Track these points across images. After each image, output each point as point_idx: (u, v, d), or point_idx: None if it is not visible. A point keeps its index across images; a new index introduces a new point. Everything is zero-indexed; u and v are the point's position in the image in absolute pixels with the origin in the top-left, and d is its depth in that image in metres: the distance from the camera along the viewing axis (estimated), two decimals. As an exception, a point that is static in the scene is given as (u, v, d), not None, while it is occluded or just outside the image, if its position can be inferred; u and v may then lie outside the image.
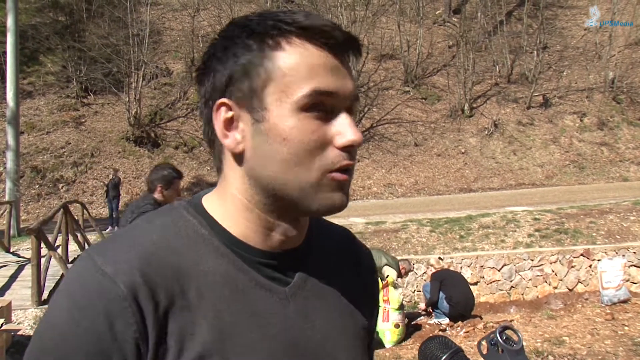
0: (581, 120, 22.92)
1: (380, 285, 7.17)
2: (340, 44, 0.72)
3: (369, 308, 0.89)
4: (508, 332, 0.94)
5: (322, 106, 0.70)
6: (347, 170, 0.73)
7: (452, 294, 7.35)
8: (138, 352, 0.66)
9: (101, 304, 0.65)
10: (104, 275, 0.66)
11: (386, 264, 7.46)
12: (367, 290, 0.90)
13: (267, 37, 0.71)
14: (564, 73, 25.08)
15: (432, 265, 8.11)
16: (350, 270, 0.88)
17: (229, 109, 0.73)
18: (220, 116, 0.73)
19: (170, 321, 0.68)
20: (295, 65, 0.69)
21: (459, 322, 7.44)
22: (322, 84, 0.69)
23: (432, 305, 7.80)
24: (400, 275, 7.73)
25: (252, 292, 0.73)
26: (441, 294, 7.50)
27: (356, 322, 0.84)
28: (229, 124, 0.73)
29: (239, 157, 0.74)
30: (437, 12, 28.21)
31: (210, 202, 0.78)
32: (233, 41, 0.73)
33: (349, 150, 0.71)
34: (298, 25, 0.70)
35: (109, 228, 13.56)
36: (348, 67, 0.74)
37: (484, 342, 0.94)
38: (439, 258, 8.51)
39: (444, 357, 0.89)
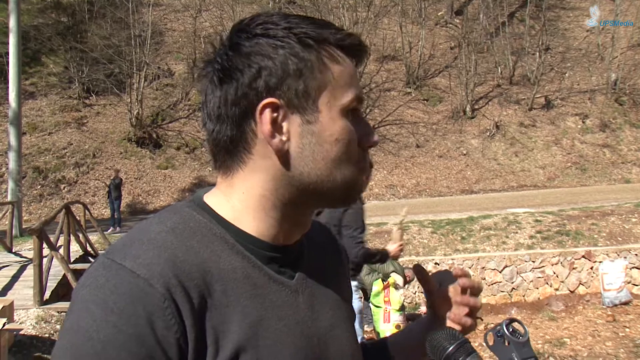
0: (583, 122, 22.89)
1: (382, 286, 7.19)
2: (358, 53, 0.79)
3: (350, 292, 0.97)
4: (515, 324, 0.95)
5: (356, 111, 0.77)
6: None
7: None
8: (180, 352, 0.66)
9: (140, 307, 0.64)
10: (139, 278, 0.66)
11: (393, 271, 7.48)
12: (348, 280, 0.98)
13: (320, 44, 0.75)
14: (566, 74, 25.05)
15: (429, 271, 8.12)
16: (336, 263, 0.94)
17: (277, 109, 0.73)
18: (267, 115, 0.73)
19: (205, 320, 0.69)
20: (341, 73, 0.75)
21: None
22: (359, 90, 0.77)
23: None
24: (405, 282, 7.77)
25: (268, 286, 0.75)
26: None
27: (348, 308, 0.91)
28: (275, 123, 0.73)
29: (282, 157, 0.74)
30: (439, 14, 28.20)
31: (216, 201, 0.79)
32: (282, 42, 0.73)
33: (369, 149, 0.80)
34: (336, 38, 0.76)
35: (110, 229, 13.56)
36: None
37: (490, 334, 0.95)
38: (436, 263, 8.50)
39: (450, 348, 0.91)
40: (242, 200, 0.77)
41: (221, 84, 0.75)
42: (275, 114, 0.73)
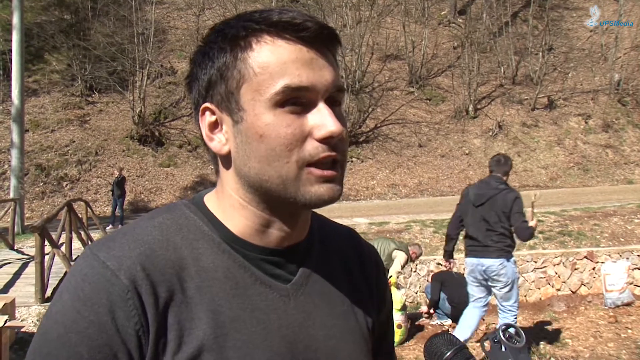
0: (586, 122, 22.85)
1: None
2: (314, 36, 0.71)
3: (376, 305, 0.90)
4: (511, 330, 0.95)
5: (297, 100, 0.70)
6: (335, 162, 0.72)
7: (453, 295, 7.33)
8: (139, 344, 0.67)
9: (104, 296, 0.67)
10: (107, 269, 0.68)
11: (395, 248, 7.39)
12: (372, 289, 0.91)
13: (238, 38, 0.71)
14: (569, 75, 25.00)
15: (431, 271, 8.11)
16: (354, 270, 0.89)
17: (212, 112, 0.74)
18: (205, 120, 0.75)
19: (169, 315, 0.69)
20: (265, 63, 0.70)
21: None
22: (293, 79, 0.69)
23: (434, 305, 7.79)
24: (411, 259, 7.60)
25: (252, 288, 0.74)
26: (443, 295, 7.47)
27: (360, 322, 0.85)
28: (214, 127, 0.75)
29: (226, 159, 0.75)
30: (442, 13, 28.17)
31: (211, 201, 0.80)
32: (210, 46, 0.74)
33: (329, 142, 0.71)
34: (267, 22, 0.70)
35: (110, 226, 13.56)
36: (328, 58, 0.73)
37: (487, 340, 0.95)
38: (438, 264, 8.49)
39: (448, 354, 0.90)
40: (225, 201, 0.78)
41: (189, 93, 0.79)
42: (211, 118, 0.75)
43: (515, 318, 5.42)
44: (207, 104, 0.74)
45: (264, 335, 0.73)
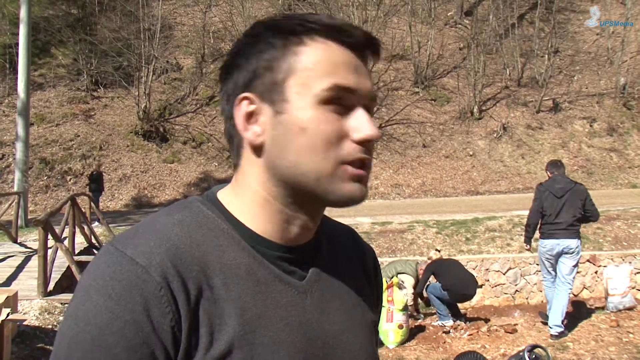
0: (591, 126, 22.78)
1: (385, 285, 7.18)
2: (361, 44, 0.76)
3: (374, 303, 0.93)
4: (537, 350, 0.94)
5: (341, 101, 0.73)
6: (364, 164, 0.75)
7: (445, 280, 7.36)
8: (175, 341, 0.67)
9: (138, 294, 0.66)
10: (137, 265, 0.67)
11: (402, 272, 7.55)
12: (372, 286, 0.93)
13: (291, 34, 0.74)
14: (575, 78, 24.93)
15: (430, 258, 8.06)
16: (356, 267, 0.91)
17: (251, 102, 0.75)
18: (241, 110, 0.75)
19: (200, 311, 0.69)
20: (317, 60, 0.73)
21: (463, 325, 7.42)
22: (342, 79, 0.73)
23: (419, 296, 7.98)
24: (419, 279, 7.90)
25: (272, 285, 0.75)
26: (437, 284, 7.48)
27: (365, 316, 0.88)
28: (250, 117, 0.75)
29: (258, 150, 0.75)
30: (448, 14, 28.12)
31: (227, 197, 0.80)
32: (258, 39, 0.75)
33: (365, 144, 0.74)
34: (321, 23, 0.73)
35: (95, 223, 12.85)
36: (368, 68, 0.78)
37: None
38: (437, 250, 8.46)
39: None
40: (245, 196, 0.78)
41: (222, 82, 0.79)
42: (249, 108, 0.75)
43: (571, 289, 6.65)
44: (247, 94, 0.75)
45: (287, 332, 0.74)
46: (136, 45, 21.07)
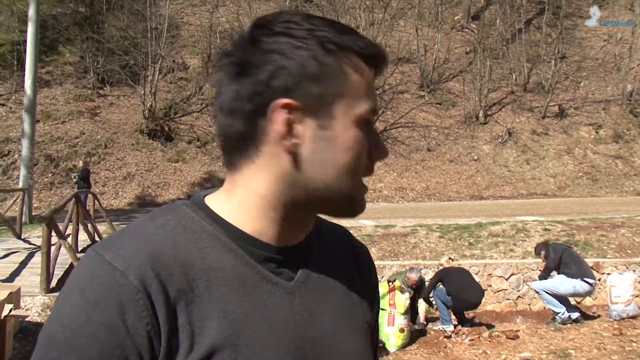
0: (596, 132, 22.72)
1: (387, 289, 7.18)
2: (382, 65, 0.79)
3: (370, 303, 0.91)
4: None
5: (369, 122, 0.76)
6: None
7: (451, 287, 7.41)
8: (151, 345, 0.67)
9: (114, 297, 0.66)
10: (115, 269, 0.67)
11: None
12: (368, 286, 0.92)
13: (341, 50, 0.73)
14: (582, 84, 24.87)
15: (441, 265, 8.19)
16: (350, 267, 0.90)
17: (292, 110, 0.72)
18: (282, 116, 0.72)
19: (180, 315, 0.69)
20: (359, 82, 0.75)
21: (464, 330, 7.41)
22: (375, 103, 0.77)
23: (425, 301, 8.00)
24: (407, 285, 7.93)
25: (259, 286, 0.75)
26: (443, 288, 7.52)
27: (359, 317, 0.87)
28: (288, 125, 0.72)
29: (292, 159, 0.73)
30: (455, 18, 28.10)
31: (216, 201, 0.79)
32: (303, 43, 0.72)
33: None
34: (362, 46, 0.75)
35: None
36: None
37: None
38: (450, 259, 8.53)
39: None
40: (242, 198, 0.76)
41: (237, 77, 0.73)
42: (290, 116, 0.72)
43: (543, 291, 7.48)
44: (291, 101, 0.71)
45: (273, 333, 0.73)
46: (143, 44, 21.11)
